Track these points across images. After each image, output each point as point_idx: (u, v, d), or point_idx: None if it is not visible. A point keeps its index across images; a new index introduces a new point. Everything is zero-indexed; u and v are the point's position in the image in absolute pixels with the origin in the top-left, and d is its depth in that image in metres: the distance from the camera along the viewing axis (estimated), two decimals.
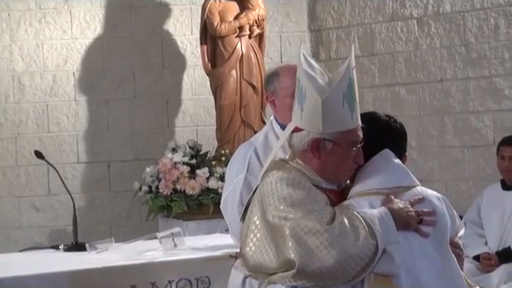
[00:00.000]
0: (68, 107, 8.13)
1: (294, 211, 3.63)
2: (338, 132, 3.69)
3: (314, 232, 3.58)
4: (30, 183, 8.00)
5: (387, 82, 8.12)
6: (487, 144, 7.43)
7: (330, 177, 3.78)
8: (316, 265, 3.54)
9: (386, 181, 3.68)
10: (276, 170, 3.86)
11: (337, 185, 3.85)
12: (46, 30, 8.13)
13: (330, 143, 3.69)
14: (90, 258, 5.70)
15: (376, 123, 3.84)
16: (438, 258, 3.72)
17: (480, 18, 7.51)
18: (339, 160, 3.77)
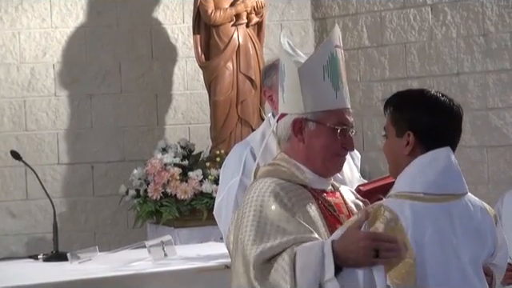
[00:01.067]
0: (47, 103, 8.16)
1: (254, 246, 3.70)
2: (321, 111, 3.73)
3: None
4: (6, 186, 8.03)
5: (398, 75, 8.16)
6: (508, 144, 7.48)
7: (319, 165, 3.79)
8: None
9: (429, 185, 3.50)
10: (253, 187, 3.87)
11: (328, 180, 3.87)
12: (23, 17, 8.17)
13: (313, 123, 3.74)
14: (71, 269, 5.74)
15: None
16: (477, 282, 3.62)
17: (501, 4, 7.54)
18: (325, 142, 3.79)
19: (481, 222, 3.64)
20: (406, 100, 3.60)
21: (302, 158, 3.81)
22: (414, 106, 3.55)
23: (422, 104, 3.55)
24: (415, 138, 3.38)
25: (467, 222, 3.54)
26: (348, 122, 3.79)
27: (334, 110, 3.76)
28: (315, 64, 3.81)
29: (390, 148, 3.51)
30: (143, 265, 5.74)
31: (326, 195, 3.87)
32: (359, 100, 8.25)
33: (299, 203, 3.77)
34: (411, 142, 3.40)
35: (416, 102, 3.60)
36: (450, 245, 3.44)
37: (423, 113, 3.52)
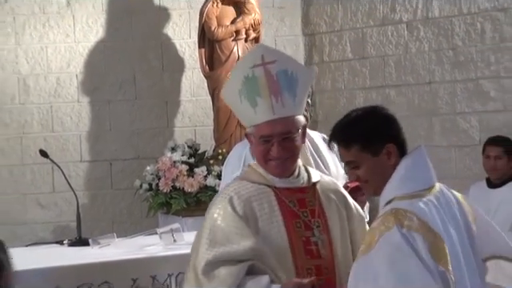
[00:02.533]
0: (71, 108, 8.15)
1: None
2: (252, 126, 3.69)
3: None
4: (35, 181, 8.02)
5: (378, 84, 8.13)
6: (473, 144, 7.46)
7: (265, 169, 3.78)
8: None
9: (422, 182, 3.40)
10: (214, 199, 3.87)
11: (288, 179, 3.78)
12: (49, 33, 8.15)
13: (251, 136, 3.72)
14: (92, 253, 5.73)
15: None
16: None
17: (467, 22, 7.53)
18: (257, 151, 3.77)
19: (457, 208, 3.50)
20: (360, 124, 3.36)
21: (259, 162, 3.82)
22: (375, 124, 3.34)
23: (377, 118, 3.39)
24: (395, 147, 3.25)
25: (449, 209, 3.41)
26: (269, 133, 3.69)
27: (258, 124, 3.70)
28: (230, 91, 3.81)
29: (372, 170, 3.29)
30: (155, 249, 5.72)
31: (288, 192, 3.79)
32: (343, 105, 8.22)
33: (259, 201, 3.75)
34: (393, 152, 3.25)
35: (368, 117, 3.41)
36: (449, 232, 3.31)
37: (385, 126, 3.36)
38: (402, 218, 3.14)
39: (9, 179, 8.05)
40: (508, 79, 7.33)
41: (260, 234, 3.69)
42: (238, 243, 3.63)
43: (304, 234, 3.73)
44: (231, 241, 3.64)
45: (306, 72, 3.83)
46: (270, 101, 3.69)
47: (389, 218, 3.15)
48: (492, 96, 7.43)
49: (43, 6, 8.11)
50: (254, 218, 3.71)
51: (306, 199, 3.80)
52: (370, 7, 8.14)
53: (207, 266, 3.63)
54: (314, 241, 3.73)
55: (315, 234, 3.74)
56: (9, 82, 8.08)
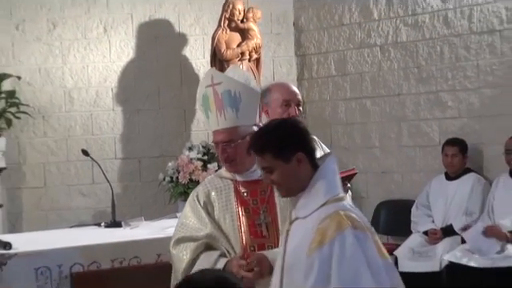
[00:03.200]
0: (107, 115, 8.16)
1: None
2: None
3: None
4: (78, 175, 8.04)
5: (356, 95, 8.13)
6: (434, 145, 7.47)
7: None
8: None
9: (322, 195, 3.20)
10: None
11: (244, 174, 3.83)
12: (90, 55, 8.16)
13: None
14: (124, 233, 5.75)
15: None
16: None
17: (429, 46, 7.54)
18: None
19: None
20: (273, 135, 3.21)
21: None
22: (284, 132, 3.18)
23: (289, 129, 3.22)
24: (305, 155, 3.11)
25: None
26: (216, 139, 3.78)
27: (212, 131, 3.84)
28: (198, 105, 4.13)
29: (284, 175, 3.13)
30: None
31: (245, 184, 3.84)
32: (328, 113, 8.24)
33: (218, 194, 3.85)
34: (303, 160, 3.10)
35: (280, 129, 3.23)
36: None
37: (295, 136, 3.18)
38: (352, 220, 3.01)
39: (57, 173, 8.06)
40: (462, 92, 7.33)
41: (216, 219, 3.78)
42: (198, 230, 3.78)
43: (251, 217, 3.76)
44: (193, 228, 3.81)
45: (249, 91, 3.77)
46: (216, 115, 3.77)
47: (339, 219, 3.01)
48: (449, 105, 7.43)
49: (85, 32, 8.12)
50: (212, 206, 3.82)
51: (259, 189, 3.80)
52: (350, 33, 8.14)
53: (175, 242, 3.84)
54: (259, 223, 3.76)
55: (261, 218, 3.76)
56: (57, 95, 8.09)
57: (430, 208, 7.15)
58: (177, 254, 3.80)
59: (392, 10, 7.79)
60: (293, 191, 3.20)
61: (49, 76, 8.08)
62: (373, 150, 7.98)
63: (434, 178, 7.25)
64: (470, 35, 7.25)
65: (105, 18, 8.19)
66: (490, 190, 6.89)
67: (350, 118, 8.14)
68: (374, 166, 7.93)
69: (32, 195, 8.03)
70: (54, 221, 7.69)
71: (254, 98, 3.79)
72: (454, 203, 7.00)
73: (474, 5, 7.20)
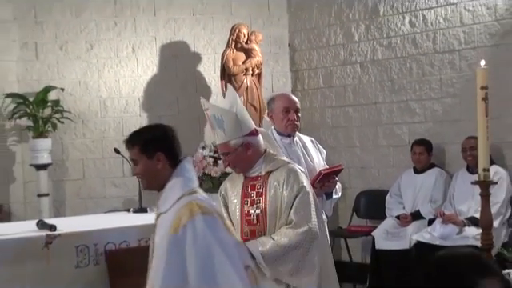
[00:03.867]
0: (135, 120, 8.13)
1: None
2: None
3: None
4: (111, 169, 8.03)
5: (340, 104, 8.11)
6: (404, 144, 7.45)
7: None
8: None
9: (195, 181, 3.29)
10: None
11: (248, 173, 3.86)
12: (121, 70, 8.16)
13: None
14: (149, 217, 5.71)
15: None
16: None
17: (400, 63, 7.54)
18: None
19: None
20: (143, 134, 3.27)
21: None
22: (151, 134, 3.24)
23: (155, 131, 3.28)
24: (164, 155, 3.14)
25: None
26: (219, 152, 3.95)
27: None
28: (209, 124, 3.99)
29: (145, 169, 3.16)
30: None
31: (248, 179, 3.86)
32: (317, 118, 8.24)
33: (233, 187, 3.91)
34: (162, 159, 3.13)
35: (150, 132, 3.30)
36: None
37: (161, 139, 3.21)
38: (201, 208, 3.02)
39: (93, 168, 8.06)
40: (427, 101, 7.33)
41: (229, 208, 3.88)
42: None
43: (248, 208, 3.80)
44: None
45: (226, 113, 3.78)
46: (213, 133, 3.90)
47: (189, 210, 3.00)
48: (417, 112, 7.43)
49: (117, 52, 8.13)
50: (228, 196, 3.93)
51: (256, 184, 3.81)
52: (335, 53, 8.13)
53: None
54: (252, 213, 3.79)
55: (254, 209, 3.77)
56: (93, 103, 8.10)
57: (401, 196, 7.16)
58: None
59: (370, 34, 7.79)
60: (152, 185, 3.23)
61: (87, 88, 8.09)
62: (354, 149, 7.98)
63: (405, 172, 7.25)
64: (434, 54, 7.25)
65: (133, 40, 8.18)
66: (451, 182, 6.90)
67: (335, 123, 8.14)
68: (355, 162, 7.92)
69: (73, 186, 8.04)
70: (91, 207, 7.69)
71: (232, 117, 3.76)
72: (421, 192, 7.01)
73: (437, 29, 7.20)
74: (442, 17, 7.14)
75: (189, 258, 2.90)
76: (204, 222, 2.97)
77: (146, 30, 8.21)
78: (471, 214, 6.39)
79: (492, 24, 6.77)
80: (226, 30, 8.03)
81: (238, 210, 3.82)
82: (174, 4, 8.27)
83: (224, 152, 3.80)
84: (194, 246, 2.92)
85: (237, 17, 8.21)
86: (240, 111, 3.81)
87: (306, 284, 3.67)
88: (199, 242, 2.93)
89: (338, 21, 8.07)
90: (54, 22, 7.97)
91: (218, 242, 2.95)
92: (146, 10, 8.20)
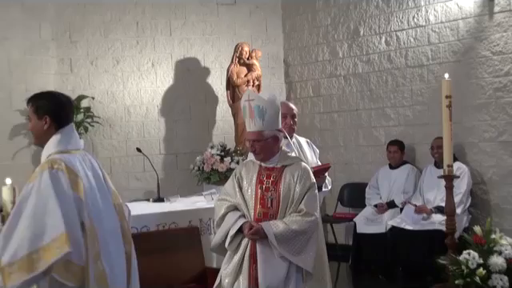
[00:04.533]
0: (154, 124, 8.14)
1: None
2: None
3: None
4: (134, 165, 8.00)
5: (327, 110, 8.08)
6: (381, 144, 7.43)
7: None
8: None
9: (70, 144, 3.20)
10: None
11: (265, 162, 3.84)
12: (142, 82, 8.14)
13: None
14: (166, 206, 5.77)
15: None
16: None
17: (377, 76, 7.53)
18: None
19: (98, 167, 3.31)
20: (41, 98, 3.19)
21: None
22: (47, 100, 3.17)
23: (51, 98, 3.20)
24: (50, 119, 3.12)
25: (90, 164, 3.23)
26: (248, 138, 3.84)
27: (247, 131, 3.86)
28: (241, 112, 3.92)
29: (34, 127, 3.16)
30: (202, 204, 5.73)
31: (264, 168, 3.84)
32: (308, 123, 8.21)
33: (250, 173, 3.85)
34: (48, 122, 3.12)
35: (47, 97, 3.21)
36: (87, 175, 3.12)
37: (52, 105, 3.16)
38: (53, 163, 3.00)
39: (119, 164, 8.04)
40: (400, 108, 7.32)
41: (244, 189, 3.83)
42: (232, 196, 3.87)
43: (263, 193, 3.78)
44: (229, 193, 3.90)
45: (273, 106, 3.78)
46: (249, 121, 3.80)
47: (45, 164, 3.00)
48: (392, 117, 7.42)
49: (139, 66, 8.11)
50: (242, 179, 3.87)
51: (272, 174, 3.82)
52: (322, 67, 8.11)
53: (219, 199, 3.95)
54: (266, 198, 3.78)
55: (269, 194, 3.76)
56: (119, 110, 8.08)
57: (378, 188, 7.14)
58: (218, 206, 3.89)
59: (352, 51, 7.77)
60: (38, 142, 3.19)
61: (113, 96, 8.06)
62: (338, 148, 7.96)
63: (381, 168, 7.24)
64: (406, 68, 7.23)
65: (152, 57, 8.15)
66: (421, 176, 6.89)
67: (322, 126, 8.12)
68: (339, 159, 7.90)
69: None
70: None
71: (275, 111, 3.80)
72: (395, 185, 6.99)
73: (408, 47, 7.19)
74: (413, 37, 7.13)
75: (29, 202, 2.91)
76: (50, 175, 2.95)
77: (163, 48, 8.18)
78: (437, 203, 6.38)
79: (455, 43, 6.75)
80: (230, 48, 8.01)
81: (253, 192, 3.81)
82: (187, 26, 8.25)
83: (255, 139, 3.77)
84: (35, 194, 2.92)
85: (240, 37, 8.19)
86: (279, 109, 3.86)
87: (304, 262, 3.69)
88: (40, 191, 2.92)
89: (324, 40, 8.05)
90: (85, 41, 7.95)
91: (56, 194, 2.92)
92: (163, 31, 8.18)
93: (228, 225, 3.76)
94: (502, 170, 6.39)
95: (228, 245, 3.74)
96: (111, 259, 3.10)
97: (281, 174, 3.80)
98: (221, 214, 3.82)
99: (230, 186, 3.90)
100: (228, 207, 3.82)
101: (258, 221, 3.71)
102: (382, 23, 7.42)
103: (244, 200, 3.80)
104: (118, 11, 8.02)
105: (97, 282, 2.99)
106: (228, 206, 3.83)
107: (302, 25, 8.32)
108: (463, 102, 6.43)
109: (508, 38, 6.29)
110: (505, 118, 6.35)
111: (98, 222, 3.08)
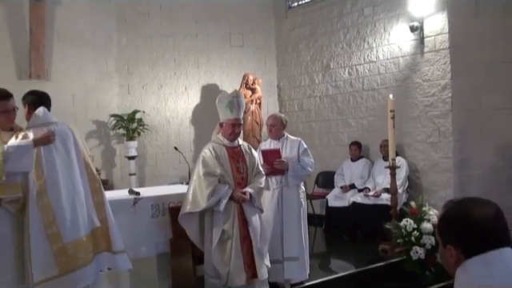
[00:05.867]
0: (187, 131, 8.10)
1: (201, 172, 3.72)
2: (227, 119, 3.81)
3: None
4: (172, 159, 7.92)
5: (307, 120, 8.05)
6: (345, 144, 7.39)
7: (227, 137, 3.82)
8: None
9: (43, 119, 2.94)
10: (204, 147, 3.95)
11: (232, 142, 3.82)
12: (178, 101, 8.11)
13: (224, 124, 3.84)
14: None
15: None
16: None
17: (343, 97, 7.50)
18: (228, 130, 3.81)
19: (72, 137, 2.95)
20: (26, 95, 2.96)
21: (223, 135, 3.85)
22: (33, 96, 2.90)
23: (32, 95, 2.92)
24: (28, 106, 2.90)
25: (65, 134, 2.82)
26: (235, 122, 3.79)
27: (230, 118, 3.79)
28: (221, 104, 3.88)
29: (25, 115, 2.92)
30: None
31: (230, 147, 3.82)
32: (294, 129, 8.13)
33: (218, 152, 3.72)
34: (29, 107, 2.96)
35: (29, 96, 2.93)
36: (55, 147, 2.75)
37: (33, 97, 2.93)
38: (22, 134, 2.78)
39: (162, 158, 7.98)
40: (359, 119, 7.29)
41: (220, 165, 3.74)
42: (215, 169, 3.73)
43: (236, 164, 3.79)
44: (212, 167, 3.75)
45: (244, 104, 3.95)
46: (236, 111, 3.81)
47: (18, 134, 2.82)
48: (352, 125, 7.39)
49: (176, 89, 8.05)
50: (218, 158, 3.78)
51: (236, 150, 3.84)
52: (304, 90, 8.03)
53: (204, 174, 3.71)
54: (239, 168, 3.79)
55: (240, 165, 3.80)
56: (162, 120, 8.02)
57: (343, 175, 7.12)
58: (205, 180, 3.73)
59: (324, 79, 7.74)
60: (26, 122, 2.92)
61: (158, 111, 8.02)
62: (316, 147, 7.94)
63: (345, 161, 7.22)
64: (362, 91, 7.22)
65: (185, 83, 8.13)
66: (373, 166, 6.88)
67: (304, 131, 8.11)
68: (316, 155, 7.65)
69: (150, 169, 7.97)
70: (160, 182, 7.65)
71: (244, 106, 3.97)
72: (355, 173, 6.97)
73: (364, 76, 7.17)
74: (367, 69, 7.12)
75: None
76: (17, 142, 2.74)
77: (193, 77, 8.15)
78: (384, 185, 6.37)
79: (396, 73, 6.75)
80: (240, 77, 7.99)
81: (227, 165, 3.78)
82: (210, 62, 8.22)
83: (239, 123, 3.86)
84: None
85: (246, 69, 8.15)
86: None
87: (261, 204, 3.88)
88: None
89: (305, 71, 8.03)
90: (138, 72, 7.93)
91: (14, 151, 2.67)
92: (193, 65, 8.15)
93: (224, 192, 3.69)
94: (429, 162, 6.39)
95: (222, 208, 3.67)
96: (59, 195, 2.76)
97: (241, 150, 3.85)
98: (210, 190, 3.67)
99: (211, 161, 3.77)
100: (214, 182, 3.70)
101: (239, 183, 3.75)
102: (346, 59, 7.39)
103: (224, 170, 3.75)
104: (162, 51, 8.01)
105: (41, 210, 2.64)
106: (213, 180, 3.71)
107: (289, 61, 8.30)
108: (402, 115, 6.43)
109: (434, 70, 6.29)
110: (431, 126, 6.35)
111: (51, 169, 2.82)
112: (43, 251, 2.55)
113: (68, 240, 2.63)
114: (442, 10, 6.13)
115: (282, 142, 4.67)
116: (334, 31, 7.54)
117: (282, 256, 4.18)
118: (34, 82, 6.43)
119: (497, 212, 1.32)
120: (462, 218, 1.31)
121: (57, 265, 2.54)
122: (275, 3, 8.43)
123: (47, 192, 2.70)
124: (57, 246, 2.56)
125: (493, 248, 1.28)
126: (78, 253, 2.65)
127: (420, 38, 6.35)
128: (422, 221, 5.02)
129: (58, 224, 2.62)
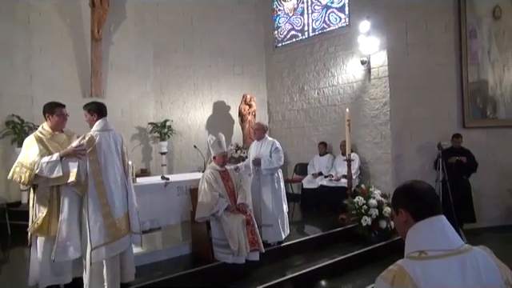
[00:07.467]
0: (203, 135, 7.99)
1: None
2: (217, 154, 3.73)
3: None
4: (192, 154, 7.82)
5: (289, 127, 7.92)
6: (315, 144, 7.31)
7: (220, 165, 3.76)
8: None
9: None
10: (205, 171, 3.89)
11: (221, 168, 3.79)
12: (196, 114, 8.02)
13: (216, 157, 3.78)
14: None
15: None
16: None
17: (314, 111, 7.44)
18: (219, 161, 3.77)
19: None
20: (88, 104, 2.85)
21: (216, 163, 3.79)
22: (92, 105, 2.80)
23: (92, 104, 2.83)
24: (90, 113, 2.80)
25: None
26: (221, 156, 3.73)
27: (219, 153, 3.72)
28: (211, 144, 3.75)
29: (87, 120, 2.82)
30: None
31: (221, 171, 3.78)
32: (278, 134, 8.08)
33: (215, 175, 3.73)
34: (94, 115, 2.80)
35: (91, 104, 2.83)
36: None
37: (93, 106, 2.82)
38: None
39: (185, 154, 7.87)
40: (325, 126, 7.22)
41: (217, 184, 3.71)
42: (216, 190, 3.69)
43: (227, 182, 3.76)
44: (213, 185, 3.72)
45: (224, 142, 3.90)
46: (221, 148, 3.77)
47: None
48: (320, 130, 7.32)
49: (194, 105, 7.98)
50: (215, 179, 3.74)
51: (225, 173, 3.81)
52: (286, 106, 7.96)
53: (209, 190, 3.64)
54: (229, 184, 3.77)
55: (229, 183, 3.78)
56: (184, 127, 7.95)
57: (314, 166, 7.08)
58: (212, 195, 3.69)
59: (300, 98, 7.69)
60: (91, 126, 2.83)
61: (182, 120, 7.94)
62: (294, 146, 7.92)
63: (315, 156, 7.18)
64: (327, 106, 7.18)
65: (202, 100, 8.05)
66: (334, 159, 6.85)
67: (286, 135, 8.05)
68: (294, 152, 7.84)
69: (176, 161, 7.88)
70: (183, 170, 7.60)
71: (224, 143, 3.93)
72: (322, 164, 6.94)
73: (328, 96, 7.13)
74: (331, 91, 7.10)
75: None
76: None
77: (207, 95, 8.08)
78: (343, 173, 6.35)
79: (352, 93, 6.76)
80: (240, 96, 7.94)
81: (223, 186, 3.79)
82: (219, 85, 8.15)
83: (226, 155, 3.85)
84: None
85: (245, 90, 8.09)
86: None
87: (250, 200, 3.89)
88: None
89: (287, 92, 7.97)
90: (169, 92, 7.86)
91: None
92: (207, 87, 8.07)
93: (221, 204, 3.71)
94: (374, 157, 6.41)
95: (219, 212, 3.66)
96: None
97: (227, 172, 3.86)
98: (213, 203, 3.69)
99: (212, 181, 3.81)
100: (215, 196, 3.72)
101: (231, 197, 3.77)
102: (316, 84, 7.37)
103: (219, 187, 3.78)
104: (185, 77, 7.93)
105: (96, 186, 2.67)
106: (216, 195, 3.74)
107: (276, 85, 8.23)
108: (356, 123, 6.43)
109: (377, 92, 6.32)
110: (376, 131, 6.37)
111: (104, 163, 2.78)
112: (100, 224, 2.65)
113: (116, 217, 2.72)
114: (383, 49, 6.20)
115: (262, 142, 4.69)
116: (307, 64, 7.53)
117: (261, 223, 4.21)
118: (94, 99, 6.48)
119: (430, 187, 1.41)
120: (408, 189, 1.41)
121: (108, 234, 2.62)
122: (266, 44, 8.42)
123: (103, 182, 2.77)
124: (108, 221, 2.66)
125: (433, 214, 1.35)
126: (121, 227, 2.77)
127: (368, 69, 6.40)
128: (369, 198, 5.08)
129: (110, 205, 2.70)
